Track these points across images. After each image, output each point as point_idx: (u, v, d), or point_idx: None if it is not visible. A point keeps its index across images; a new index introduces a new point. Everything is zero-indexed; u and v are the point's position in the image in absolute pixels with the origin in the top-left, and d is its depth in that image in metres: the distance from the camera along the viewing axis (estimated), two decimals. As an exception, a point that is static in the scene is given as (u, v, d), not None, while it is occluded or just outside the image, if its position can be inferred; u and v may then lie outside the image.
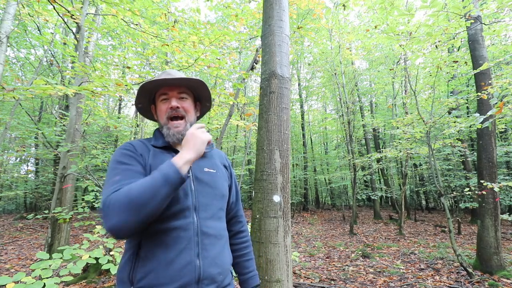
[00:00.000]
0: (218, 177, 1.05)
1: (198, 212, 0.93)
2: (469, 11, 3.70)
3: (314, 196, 19.53)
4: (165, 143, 1.00)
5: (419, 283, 3.81)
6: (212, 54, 3.73)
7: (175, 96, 1.01)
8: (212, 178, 1.01)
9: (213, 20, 11.26)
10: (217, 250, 0.94)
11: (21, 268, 4.59)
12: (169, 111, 1.00)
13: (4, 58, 3.88)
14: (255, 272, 1.15)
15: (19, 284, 1.69)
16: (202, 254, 0.88)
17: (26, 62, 9.14)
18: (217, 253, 0.93)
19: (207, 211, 0.95)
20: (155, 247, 0.85)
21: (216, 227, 0.97)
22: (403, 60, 9.06)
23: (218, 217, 1.00)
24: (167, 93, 1.01)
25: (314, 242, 7.18)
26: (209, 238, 0.92)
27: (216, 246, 0.94)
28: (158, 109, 1.04)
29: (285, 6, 2.20)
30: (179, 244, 0.86)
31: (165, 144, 1.00)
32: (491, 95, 3.99)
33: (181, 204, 0.89)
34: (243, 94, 13.12)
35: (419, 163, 12.99)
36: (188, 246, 0.87)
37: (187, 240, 0.87)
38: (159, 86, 1.01)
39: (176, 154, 0.95)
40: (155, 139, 1.02)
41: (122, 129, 6.79)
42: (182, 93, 1.03)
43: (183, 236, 0.87)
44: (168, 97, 1.01)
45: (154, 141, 1.01)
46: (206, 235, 0.92)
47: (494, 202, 4.11)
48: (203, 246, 0.89)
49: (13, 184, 11.62)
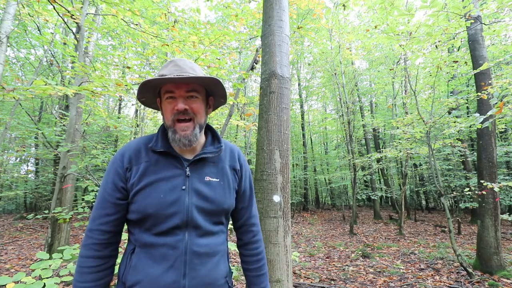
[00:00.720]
0: (221, 187, 0.95)
1: (190, 229, 0.87)
2: (469, 11, 3.71)
3: (314, 196, 19.53)
4: (163, 147, 0.90)
5: (419, 283, 3.81)
6: (212, 54, 3.74)
7: (182, 95, 0.88)
8: (212, 190, 0.92)
9: (213, 20, 11.26)
10: (209, 268, 0.88)
11: (21, 268, 4.59)
12: (175, 112, 0.88)
13: (4, 58, 3.88)
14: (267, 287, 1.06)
15: (19, 284, 1.69)
16: (189, 274, 0.84)
17: (26, 62, 9.14)
18: (208, 272, 0.88)
19: (200, 229, 0.88)
20: (145, 259, 0.85)
21: (210, 244, 0.90)
22: (403, 60, 9.06)
23: (215, 232, 0.93)
24: (173, 91, 0.88)
25: (314, 242, 7.18)
26: (200, 258, 0.87)
27: (208, 265, 0.88)
28: (163, 107, 0.92)
29: (285, 6, 2.20)
30: (166, 261, 0.83)
31: (163, 149, 0.90)
32: (491, 95, 3.99)
33: (168, 224, 0.85)
34: (243, 94, 13.11)
35: (419, 163, 12.99)
36: (175, 265, 0.83)
37: (174, 258, 0.84)
38: (164, 83, 0.89)
39: (174, 159, 0.92)
40: (155, 140, 0.92)
41: (122, 129, 6.79)
42: (191, 91, 0.89)
43: (171, 254, 0.84)
44: (174, 95, 0.88)
45: (154, 143, 0.91)
46: (197, 254, 0.86)
47: (494, 202, 4.11)
48: (191, 266, 0.85)
49: (13, 184, 11.62)
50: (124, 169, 0.89)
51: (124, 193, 0.89)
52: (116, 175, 0.89)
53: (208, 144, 0.99)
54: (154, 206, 0.85)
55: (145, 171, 0.88)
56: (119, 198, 0.89)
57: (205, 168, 0.94)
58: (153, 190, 0.86)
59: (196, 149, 0.96)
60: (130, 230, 0.92)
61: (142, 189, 0.87)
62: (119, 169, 0.90)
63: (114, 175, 0.90)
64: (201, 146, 0.98)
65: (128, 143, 0.97)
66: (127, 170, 0.89)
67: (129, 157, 0.91)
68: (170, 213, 0.85)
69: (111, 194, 0.89)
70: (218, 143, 0.99)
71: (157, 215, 0.85)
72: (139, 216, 0.87)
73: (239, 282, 3.72)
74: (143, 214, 0.86)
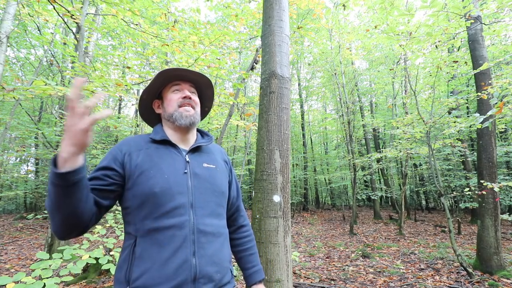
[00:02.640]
0: (218, 172, 1.03)
1: (195, 209, 0.91)
2: (469, 11, 3.71)
3: (314, 196, 19.53)
4: (163, 136, 0.98)
5: (419, 283, 3.81)
6: (212, 54, 3.73)
7: (187, 88, 1.05)
8: (211, 174, 1.00)
9: (213, 20, 11.26)
10: (215, 248, 0.92)
11: (21, 268, 4.59)
12: (181, 100, 1.01)
13: (4, 58, 3.88)
14: (259, 266, 1.13)
15: (19, 284, 1.69)
16: (198, 252, 0.87)
17: (26, 62, 9.13)
18: (214, 251, 0.91)
19: (204, 208, 0.93)
20: (150, 247, 0.84)
21: (214, 224, 0.95)
22: (403, 60, 9.05)
23: (217, 214, 0.98)
24: (180, 84, 1.04)
25: (314, 242, 7.18)
26: (206, 236, 0.90)
27: (214, 244, 0.92)
28: (167, 100, 1.03)
29: (285, 6, 2.20)
30: (174, 243, 0.84)
31: (163, 138, 0.98)
32: (491, 95, 3.99)
33: (175, 202, 0.88)
34: (243, 94, 13.12)
35: (419, 163, 12.99)
36: (184, 244, 0.85)
37: (182, 238, 0.86)
38: (172, 78, 1.03)
39: (174, 148, 0.98)
40: (154, 133, 1.01)
41: (122, 129, 6.79)
42: (192, 87, 1.07)
43: (179, 235, 0.85)
44: (181, 88, 1.04)
45: (153, 134, 1.00)
46: (203, 233, 0.90)
47: (494, 202, 4.11)
48: (199, 244, 0.88)
49: (13, 184, 11.63)
50: (122, 154, 0.92)
51: (115, 173, 0.89)
52: (111, 159, 0.91)
53: (199, 138, 1.10)
54: (160, 185, 0.88)
55: (147, 156, 0.93)
56: (108, 176, 0.88)
57: (202, 156, 1.03)
58: (157, 172, 0.90)
59: (191, 141, 1.06)
60: (129, 221, 0.90)
61: (145, 171, 0.89)
62: (117, 155, 0.92)
63: (109, 160, 0.91)
64: (195, 140, 1.08)
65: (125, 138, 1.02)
66: (125, 155, 0.92)
67: (129, 144, 0.96)
68: (175, 191, 0.89)
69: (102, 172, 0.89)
70: (207, 136, 1.13)
71: (162, 194, 0.87)
72: (141, 200, 0.87)
73: (239, 282, 3.72)
74: (146, 196, 0.86)
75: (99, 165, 0.91)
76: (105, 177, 0.88)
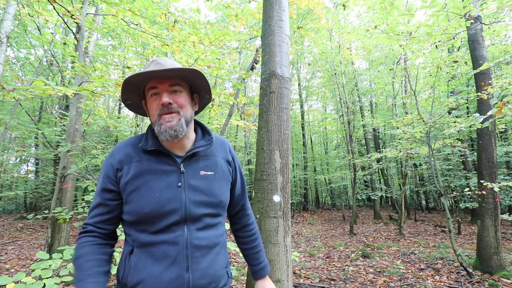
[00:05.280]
0: (217, 180, 0.96)
1: (189, 224, 0.87)
2: (469, 11, 3.70)
3: (314, 196, 19.53)
4: (153, 145, 0.89)
5: (419, 283, 3.81)
6: (212, 54, 3.73)
7: (166, 89, 0.87)
8: (208, 184, 0.93)
9: (213, 20, 11.25)
10: (210, 260, 0.90)
11: (21, 268, 4.59)
12: (160, 108, 0.86)
13: (4, 58, 3.87)
14: (266, 262, 1.13)
15: (19, 284, 1.69)
16: (192, 267, 0.85)
17: (26, 62, 9.13)
18: (209, 263, 0.89)
19: (199, 222, 0.89)
20: (145, 259, 0.85)
21: (210, 236, 0.91)
22: (403, 60, 9.06)
23: (213, 225, 0.94)
24: (156, 87, 0.87)
25: (314, 242, 7.18)
26: (201, 250, 0.88)
27: (209, 256, 0.90)
28: (148, 106, 0.91)
29: (285, 6, 2.20)
30: (167, 258, 0.84)
31: (154, 147, 0.89)
32: (491, 95, 3.99)
33: (167, 220, 0.85)
34: (243, 94, 13.11)
35: (419, 163, 12.99)
36: (177, 260, 0.84)
37: (175, 254, 0.84)
38: (146, 79, 0.88)
39: (167, 157, 0.91)
40: (145, 139, 0.91)
41: (122, 129, 6.78)
42: (174, 85, 0.88)
43: (172, 250, 0.84)
44: (158, 91, 0.87)
45: (144, 143, 0.90)
46: (197, 247, 0.87)
47: (494, 202, 4.11)
48: (193, 259, 0.86)
49: (13, 184, 11.62)
50: (114, 170, 0.90)
51: (114, 194, 0.90)
52: (106, 179, 0.90)
53: (199, 139, 0.99)
54: (151, 205, 0.85)
55: (137, 171, 0.87)
56: (110, 199, 0.90)
57: (199, 163, 0.94)
58: (147, 190, 0.86)
59: (187, 146, 0.95)
60: (127, 232, 0.92)
61: (136, 189, 0.86)
62: (109, 172, 0.90)
63: (104, 179, 0.91)
64: (192, 142, 0.97)
65: (117, 144, 0.96)
66: (117, 171, 0.89)
67: (119, 159, 0.90)
68: (167, 210, 0.85)
69: (102, 196, 0.91)
70: (209, 136, 1.00)
71: (154, 214, 0.85)
72: (134, 218, 0.87)
73: (239, 282, 3.72)
74: (138, 215, 0.86)
75: (98, 187, 0.92)
76: (108, 201, 0.90)
